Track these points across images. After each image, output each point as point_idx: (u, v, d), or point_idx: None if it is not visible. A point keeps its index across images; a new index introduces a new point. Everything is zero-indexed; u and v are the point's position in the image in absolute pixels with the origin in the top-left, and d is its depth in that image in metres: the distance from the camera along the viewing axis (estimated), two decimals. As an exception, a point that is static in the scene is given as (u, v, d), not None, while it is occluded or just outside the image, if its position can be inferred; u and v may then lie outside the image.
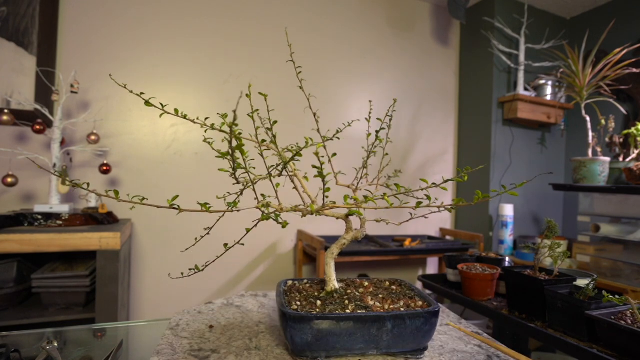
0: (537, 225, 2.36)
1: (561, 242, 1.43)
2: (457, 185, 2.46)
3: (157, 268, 1.76)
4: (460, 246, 1.95)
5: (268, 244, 1.99)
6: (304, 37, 2.04)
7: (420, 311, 0.50)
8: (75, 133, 1.62)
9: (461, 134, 2.46)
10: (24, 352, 0.60)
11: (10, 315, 1.23)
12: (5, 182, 1.38)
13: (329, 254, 0.60)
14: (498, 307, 1.15)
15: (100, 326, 0.83)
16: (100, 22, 1.67)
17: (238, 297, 0.79)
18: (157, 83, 1.78)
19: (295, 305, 0.53)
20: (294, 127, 1.91)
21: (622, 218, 1.63)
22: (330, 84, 2.11)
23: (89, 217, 1.41)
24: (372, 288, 0.62)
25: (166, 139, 1.79)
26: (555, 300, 0.95)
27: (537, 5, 2.30)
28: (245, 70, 1.92)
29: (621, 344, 0.79)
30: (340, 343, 0.49)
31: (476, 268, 1.26)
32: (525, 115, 2.12)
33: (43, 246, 1.22)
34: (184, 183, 1.80)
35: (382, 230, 2.14)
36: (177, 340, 0.58)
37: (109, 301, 1.28)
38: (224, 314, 0.70)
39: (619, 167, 1.65)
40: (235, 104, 1.86)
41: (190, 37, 1.82)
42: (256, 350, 0.54)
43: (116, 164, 1.69)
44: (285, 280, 0.63)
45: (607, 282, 1.52)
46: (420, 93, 2.36)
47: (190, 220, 1.69)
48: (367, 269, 2.22)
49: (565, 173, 2.43)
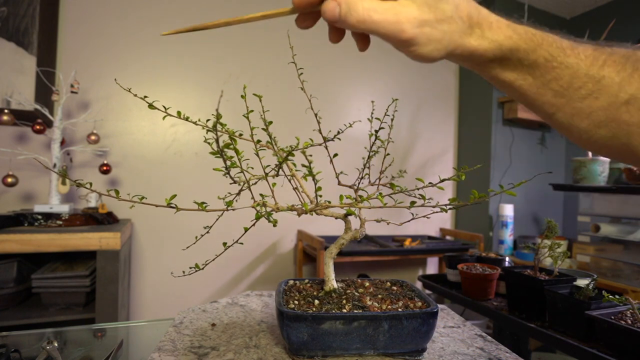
0: (537, 225, 2.35)
1: (561, 242, 1.42)
2: (457, 186, 2.46)
3: (157, 268, 1.76)
4: (460, 246, 1.95)
5: (268, 244, 1.99)
6: (303, 37, 2.04)
7: (417, 312, 0.50)
8: (75, 133, 1.62)
9: (461, 134, 2.46)
10: (24, 352, 0.60)
11: (10, 315, 1.23)
12: (5, 182, 1.39)
13: (327, 253, 0.60)
14: (498, 307, 1.15)
15: (100, 326, 0.83)
16: (100, 22, 1.67)
17: (243, 297, 0.80)
18: (157, 83, 1.78)
19: (293, 304, 0.54)
20: (294, 127, 1.91)
21: (622, 218, 1.63)
22: (330, 84, 2.11)
23: (89, 217, 1.42)
24: (372, 288, 0.62)
25: (166, 139, 1.79)
26: (555, 300, 0.95)
27: (537, 5, 2.30)
28: (245, 70, 1.92)
29: (621, 344, 0.79)
30: (337, 342, 0.49)
31: (476, 268, 1.26)
32: (525, 115, 2.12)
33: (43, 246, 1.22)
34: (184, 183, 1.81)
35: (382, 230, 2.14)
36: (179, 337, 0.58)
37: (109, 301, 1.28)
38: (228, 312, 0.70)
39: (619, 167, 1.65)
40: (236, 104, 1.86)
41: (190, 37, 1.82)
42: (255, 348, 0.55)
43: (116, 164, 1.69)
44: (287, 280, 0.63)
45: (607, 282, 1.52)
46: (420, 93, 2.36)
47: (190, 221, 1.69)
48: (367, 269, 2.22)
49: (565, 173, 2.43)
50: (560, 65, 0.38)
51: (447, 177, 0.48)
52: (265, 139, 0.54)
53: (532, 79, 0.39)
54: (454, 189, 2.47)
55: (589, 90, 0.37)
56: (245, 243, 0.57)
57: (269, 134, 0.53)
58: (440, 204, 0.49)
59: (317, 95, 0.65)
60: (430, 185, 0.49)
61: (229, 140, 0.47)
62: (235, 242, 0.52)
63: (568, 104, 0.39)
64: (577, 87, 0.38)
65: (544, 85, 0.39)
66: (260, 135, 0.53)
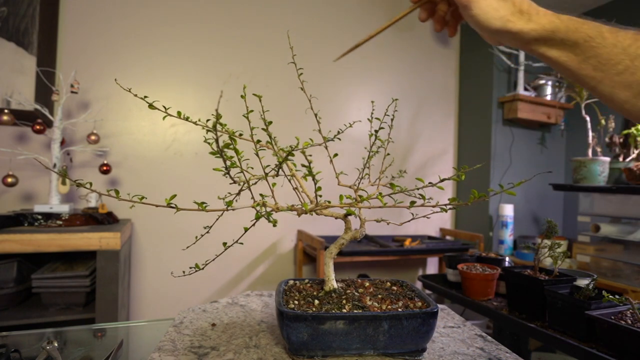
0: (537, 225, 2.35)
1: (561, 242, 1.42)
2: (457, 186, 2.46)
3: (157, 268, 1.76)
4: (460, 246, 1.95)
5: (268, 244, 1.99)
6: (303, 37, 2.04)
7: (417, 311, 0.50)
8: (75, 133, 1.62)
9: (461, 134, 2.46)
10: (24, 352, 0.60)
11: (10, 315, 1.23)
12: (5, 182, 1.39)
13: (327, 253, 0.60)
14: (498, 307, 1.15)
15: (100, 326, 0.83)
16: (100, 22, 1.67)
17: (243, 297, 0.80)
18: (158, 83, 1.78)
19: (293, 304, 0.54)
20: (294, 127, 1.91)
21: (622, 218, 1.63)
22: (330, 84, 2.11)
23: (89, 217, 1.42)
24: (372, 288, 0.62)
25: (166, 139, 1.79)
26: (555, 300, 0.95)
27: (537, 5, 2.30)
28: (245, 70, 1.92)
29: (621, 344, 0.79)
30: (337, 342, 0.49)
31: (476, 268, 1.26)
32: (525, 115, 2.12)
33: (43, 246, 1.22)
34: (184, 183, 1.81)
35: (382, 230, 2.14)
36: (179, 337, 0.58)
37: (109, 301, 1.28)
38: (228, 312, 0.70)
39: (619, 167, 1.65)
40: (236, 104, 1.85)
41: (190, 37, 1.82)
42: (255, 348, 0.55)
43: (116, 164, 1.69)
44: (287, 280, 0.64)
45: (607, 282, 1.52)
46: (420, 93, 2.36)
47: (190, 221, 1.69)
48: (367, 269, 2.22)
49: (565, 173, 2.43)
50: (598, 45, 0.45)
51: (447, 177, 0.48)
52: (265, 139, 0.54)
53: (574, 55, 0.47)
54: (454, 189, 2.47)
55: (626, 66, 0.44)
56: (245, 243, 0.57)
57: (269, 134, 0.53)
58: (440, 204, 0.49)
59: (317, 95, 0.65)
60: (430, 185, 0.49)
61: (228, 140, 0.47)
62: (235, 242, 0.52)
63: (607, 77, 0.45)
64: (614, 63, 0.44)
65: (584, 61, 0.46)
66: (260, 135, 0.53)
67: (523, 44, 0.49)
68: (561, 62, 0.48)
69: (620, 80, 0.44)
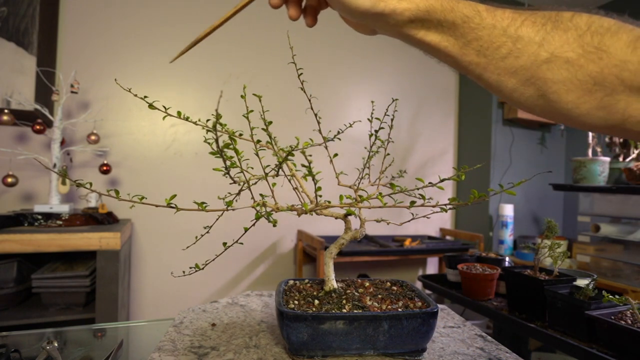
0: (537, 225, 2.35)
1: (561, 242, 1.42)
2: (457, 186, 2.46)
3: (157, 268, 1.76)
4: (460, 246, 1.95)
5: (268, 244, 1.99)
6: (303, 37, 2.04)
7: (417, 311, 0.50)
8: (75, 133, 1.62)
9: (461, 134, 2.46)
10: (24, 352, 0.60)
11: (10, 315, 1.23)
12: (5, 182, 1.39)
13: (327, 253, 0.60)
14: (498, 307, 1.15)
15: (100, 326, 0.83)
16: (100, 22, 1.67)
17: (243, 297, 0.80)
18: (158, 83, 1.78)
19: (293, 304, 0.54)
20: (294, 127, 1.91)
21: (622, 218, 1.63)
22: (330, 84, 2.11)
23: (89, 217, 1.42)
24: (372, 288, 0.62)
25: (166, 139, 1.79)
26: (555, 300, 0.95)
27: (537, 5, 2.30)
28: (245, 70, 1.92)
29: (621, 344, 0.79)
30: (337, 342, 0.49)
31: (476, 268, 1.26)
32: (525, 115, 2.12)
33: (43, 246, 1.22)
34: (184, 183, 1.81)
35: (382, 230, 2.14)
36: (179, 337, 0.58)
37: (109, 301, 1.28)
38: (228, 312, 0.70)
39: (619, 167, 1.65)
40: (236, 104, 1.86)
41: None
42: (255, 348, 0.55)
43: (116, 164, 1.69)
44: (287, 280, 0.63)
45: (607, 282, 1.52)
46: (420, 93, 2.36)
47: (190, 221, 1.68)
48: (367, 269, 2.22)
49: (565, 173, 2.43)
50: (478, 26, 0.40)
51: (447, 177, 0.48)
52: (265, 139, 0.54)
53: (454, 39, 0.41)
54: (454, 188, 2.47)
55: (509, 50, 0.39)
56: (245, 243, 0.57)
57: (269, 134, 0.53)
58: (440, 204, 0.49)
59: (317, 95, 0.65)
60: (430, 185, 0.49)
61: (228, 140, 0.47)
62: (235, 242, 0.51)
63: (491, 63, 0.40)
64: (496, 46, 0.40)
65: (466, 46, 0.41)
66: (260, 135, 0.53)
67: (398, 29, 0.43)
68: (442, 48, 0.42)
69: (505, 65, 0.40)
